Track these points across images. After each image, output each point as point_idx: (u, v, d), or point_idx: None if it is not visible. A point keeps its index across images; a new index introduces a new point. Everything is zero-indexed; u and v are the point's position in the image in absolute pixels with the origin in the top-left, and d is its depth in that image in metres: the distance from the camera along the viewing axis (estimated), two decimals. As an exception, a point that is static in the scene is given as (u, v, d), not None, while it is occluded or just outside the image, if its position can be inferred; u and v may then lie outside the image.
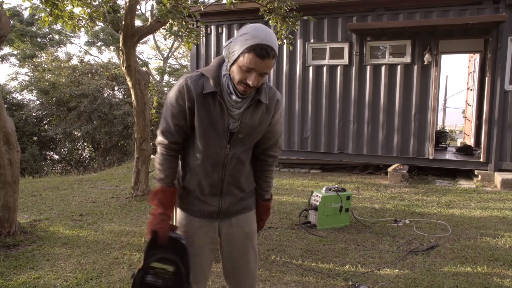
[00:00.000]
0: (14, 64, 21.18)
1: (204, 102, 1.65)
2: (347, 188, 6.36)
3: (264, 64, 1.52)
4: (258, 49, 1.49)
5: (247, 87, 1.57)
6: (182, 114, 1.67)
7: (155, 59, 29.60)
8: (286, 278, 3.24)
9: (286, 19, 5.86)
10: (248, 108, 1.68)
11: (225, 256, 1.89)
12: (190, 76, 1.68)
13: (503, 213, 5.30)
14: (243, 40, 1.52)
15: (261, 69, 1.53)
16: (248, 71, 1.54)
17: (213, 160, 1.71)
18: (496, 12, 7.04)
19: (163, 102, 14.64)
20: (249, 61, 1.51)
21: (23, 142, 12.76)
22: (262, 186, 1.91)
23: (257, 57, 1.50)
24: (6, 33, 3.82)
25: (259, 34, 1.51)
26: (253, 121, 1.70)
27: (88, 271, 3.34)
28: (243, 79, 1.55)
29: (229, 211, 1.81)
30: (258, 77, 1.55)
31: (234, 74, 1.58)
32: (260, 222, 1.98)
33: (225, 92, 1.64)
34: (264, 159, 1.87)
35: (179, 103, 1.66)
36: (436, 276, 3.30)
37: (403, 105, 7.71)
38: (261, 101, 1.69)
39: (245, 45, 1.51)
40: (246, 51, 1.51)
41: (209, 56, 9.13)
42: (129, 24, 5.29)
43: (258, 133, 1.76)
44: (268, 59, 1.51)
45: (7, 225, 3.95)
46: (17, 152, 4.01)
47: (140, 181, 5.87)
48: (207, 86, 1.64)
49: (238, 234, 1.85)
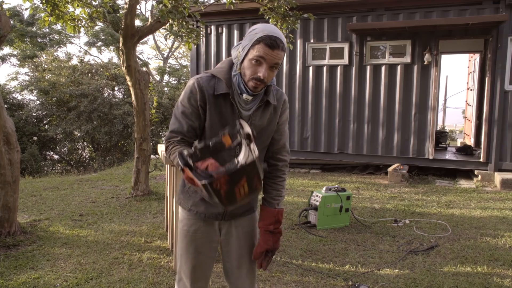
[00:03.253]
0: (14, 64, 21.21)
1: (216, 103, 1.65)
2: (347, 188, 6.36)
3: (274, 55, 1.54)
4: (267, 39, 1.53)
5: (257, 81, 1.58)
6: (195, 115, 1.67)
7: (155, 59, 29.65)
8: (286, 278, 3.24)
9: (286, 18, 5.87)
10: (258, 109, 1.69)
11: (225, 256, 1.89)
12: (201, 76, 1.68)
13: (503, 213, 5.30)
14: (253, 34, 1.57)
15: (271, 60, 1.55)
16: (259, 63, 1.56)
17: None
18: (496, 12, 7.03)
19: (163, 102, 14.69)
20: (259, 51, 1.54)
21: (23, 142, 12.77)
22: (272, 195, 1.83)
23: (267, 46, 1.53)
24: (6, 33, 3.82)
25: (268, 28, 1.57)
26: (262, 122, 1.71)
27: (88, 271, 3.34)
28: (254, 73, 1.57)
29: (234, 213, 1.80)
30: (269, 71, 1.57)
31: (245, 69, 1.59)
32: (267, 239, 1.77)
33: (236, 94, 1.66)
34: (274, 163, 1.84)
35: (191, 104, 1.66)
36: (436, 276, 3.30)
37: (403, 105, 7.71)
38: (270, 102, 1.70)
39: (254, 38, 1.56)
40: (256, 43, 1.55)
41: (209, 56, 9.14)
42: (129, 24, 5.30)
43: (267, 134, 1.76)
44: (278, 50, 1.54)
45: (7, 225, 3.95)
46: (17, 152, 4.01)
47: (140, 181, 5.88)
48: (219, 87, 1.64)
49: (238, 234, 1.85)
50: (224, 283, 3.03)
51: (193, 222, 1.81)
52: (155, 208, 5.34)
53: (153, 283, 3.11)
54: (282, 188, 1.85)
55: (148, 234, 4.29)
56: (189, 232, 1.80)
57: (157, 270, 3.36)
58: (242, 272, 1.88)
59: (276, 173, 1.84)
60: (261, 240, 1.80)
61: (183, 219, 1.84)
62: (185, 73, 24.26)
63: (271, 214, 1.81)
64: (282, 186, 1.85)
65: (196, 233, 1.80)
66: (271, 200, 1.83)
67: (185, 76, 23.84)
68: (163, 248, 3.85)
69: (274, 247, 1.80)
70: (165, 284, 3.10)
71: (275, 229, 1.80)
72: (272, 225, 1.79)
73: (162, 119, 14.75)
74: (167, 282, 3.13)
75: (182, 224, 1.83)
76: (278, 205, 1.83)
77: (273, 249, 1.81)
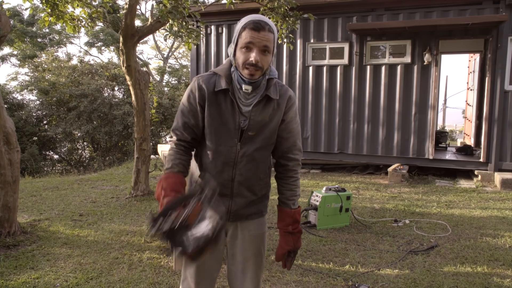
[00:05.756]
0: (14, 64, 21.21)
1: (216, 99, 1.66)
2: (347, 188, 6.36)
3: (261, 37, 1.55)
4: (251, 24, 1.56)
5: (251, 67, 1.57)
6: (192, 113, 1.70)
7: (155, 59, 29.65)
8: (286, 278, 3.24)
9: (286, 18, 5.87)
10: (258, 104, 1.67)
11: (229, 258, 1.86)
12: (202, 75, 1.71)
13: (503, 213, 5.30)
14: (238, 26, 1.61)
15: (260, 42, 1.55)
16: (249, 49, 1.57)
17: (223, 158, 1.70)
18: (496, 12, 7.04)
19: (163, 102, 14.70)
20: (246, 37, 1.56)
21: (23, 142, 12.77)
22: (287, 195, 1.81)
23: (252, 30, 1.55)
24: (6, 33, 3.82)
25: (251, 16, 1.61)
26: (262, 118, 1.69)
27: (88, 271, 3.34)
28: (246, 59, 1.57)
29: (239, 213, 1.77)
30: (260, 55, 1.57)
31: (238, 59, 1.60)
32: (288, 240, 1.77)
33: (236, 90, 1.66)
34: (285, 164, 1.81)
35: (190, 102, 1.70)
36: (436, 276, 3.30)
37: (403, 105, 7.71)
38: (271, 97, 1.68)
39: (240, 27, 1.60)
40: (241, 30, 1.58)
41: (209, 56, 9.14)
42: (129, 24, 5.29)
43: (269, 130, 1.72)
44: (264, 32, 1.56)
45: (7, 225, 3.95)
46: (17, 152, 4.01)
47: (140, 181, 5.88)
48: (219, 84, 1.66)
49: (244, 237, 1.81)
50: (224, 283, 3.02)
51: None
52: (155, 208, 5.34)
53: (153, 283, 3.11)
54: (296, 187, 1.82)
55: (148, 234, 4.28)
56: None
57: (157, 270, 3.36)
58: (247, 276, 1.83)
59: (288, 173, 1.81)
60: (282, 242, 1.79)
61: None
62: (185, 73, 24.26)
63: (288, 215, 1.79)
64: (296, 185, 1.82)
65: None
66: (286, 200, 1.81)
67: (185, 76, 23.84)
68: (163, 248, 3.85)
69: (296, 246, 1.79)
70: (165, 284, 3.10)
71: (294, 229, 1.78)
72: (291, 226, 1.78)
73: (162, 119, 14.76)
74: (167, 282, 3.13)
75: None
76: (294, 205, 1.81)
77: (295, 248, 1.80)
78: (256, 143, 1.71)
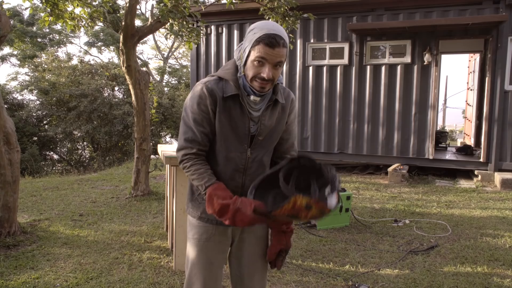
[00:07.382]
0: (14, 64, 21.20)
1: (225, 105, 1.61)
2: (347, 188, 6.37)
3: (275, 53, 1.50)
4: (266, 38, 1.49)
5: (262, 81, 1.54)
6: (206, 121, 1.63)
7: (155, 59, 29.61)
8: (286, 278, 3.24)
9: (286, 18, 5.87)
10: (267, 109, 1.66)
11: (234, 262, 1.83)
12: (208, 80, 1.64)
13: (503, 213, 5.30)
14: (251, 35, 1.54)
15: (273, 59, 1.51)
16: (261, 64, 1.52)
17: (234, 164, 1.67)
18: (496, 12, 7.03)
19: (163, 102, 14.69)
20: (260, 52, 1.51)
21: (23, 142, 12.76)
22: None
23: (267, 46, 1.49)
24: (6, 33, 3.82)
25: (266, 26, 1.53)
26: (271, 122, 1.68)
27: (88, 271, 3.33)
28: (257, 73, 1.54)
29: None
30: (273, 70, 1.54)
31: (248, 71, 1.56)
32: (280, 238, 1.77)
33: (244, 95, 1.62)
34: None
35: (201, 109, 1.61)
36: (436, 276, 3.29)
37: (403, 105, 7.71)
38: (278, 101, 1.67)
39: (253, 39, 1.52)
40: (255, 43, 1.52)
41: (209, 56, 9.14)
42: (129, 24, 5.29)
43: (276, 134, 1.72)
44: (278, 48, 1.50)
45: (7, 225, 3.95)
46: (17, 152, 4.01)
47: (140, 181, 5.87)
48: (227, 89, 1.61)
49: (251, 240, 1.80)
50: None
51: (204, 230, 1.74)
52: (155, 208, 5.34)
53: (153, 283, 3.11)
54: None
55: (148, 234, 4.29)
56: (200, 241, 1.74)
57: (157, 270, 3.36)
58: (254, 279, 1.82)
59: None
60: (274, 241, 1.79)
61: (193, 227, 1.77)
62: (185, 73, 24.25)
63: None
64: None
65: (208, 241, 1.74)
66: None
67: (185, 76, 23.83)
68: (163, 248, 3.85)
69: (287, 246, 1.80)
70: (165, 284, 3.09)
71: (287, 228, 1.79)
72: (284, 225, 1.79)
73: (162, 119, 14.76)
74: (167, 282, 3.13)
75: (193, 233, 1.76)
76: None
77: (287, 248, 1.80)
78: (265, 148, 1.71)
